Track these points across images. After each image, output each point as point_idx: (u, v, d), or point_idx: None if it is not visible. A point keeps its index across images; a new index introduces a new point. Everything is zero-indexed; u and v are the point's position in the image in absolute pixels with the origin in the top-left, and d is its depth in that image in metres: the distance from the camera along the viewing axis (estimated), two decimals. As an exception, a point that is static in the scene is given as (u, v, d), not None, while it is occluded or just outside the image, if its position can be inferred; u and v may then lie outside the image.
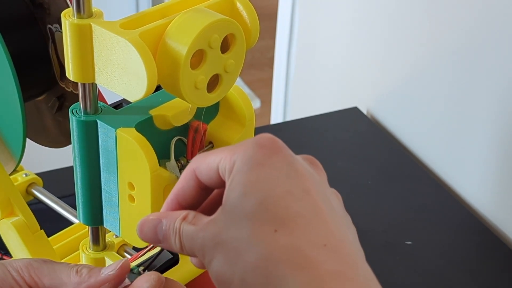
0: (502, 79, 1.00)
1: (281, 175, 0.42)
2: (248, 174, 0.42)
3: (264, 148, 0.43)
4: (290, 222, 0.41)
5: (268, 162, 0.43)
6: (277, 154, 0.43)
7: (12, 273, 0.50)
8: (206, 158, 0.45)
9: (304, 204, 0.42)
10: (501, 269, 0.96)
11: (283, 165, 0.43)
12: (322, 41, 1.44)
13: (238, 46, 0.53)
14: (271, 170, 0.42)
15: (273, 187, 0.42)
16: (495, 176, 1.04)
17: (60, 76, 0.72)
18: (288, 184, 0.42)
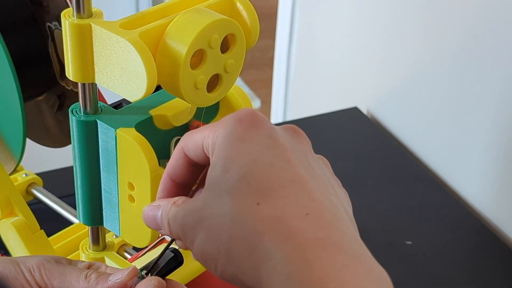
0: (502, 79, 1.00)
1: (261, 147, 0.42)
2: (228, 150, 0.42)
3: (243, 122, 0.43)
4: (272, 194, 0.41)
5: (247, 136, 0.43)
6: (256, 128, 0.43)
7: (24, 273, 0.51)
8: (193, 136, 0.45)
9: (285, 174, 0.42)
10: (501, 269, 0.96)
11: (263, 138, 0.43)
12: (322, 41, 1.44)
13: (238, 46, 0.53)
14: (251, 143, 0.42)
15: (253, 160, 0.42)
16: (495, 176, 1.04)
17: (60, 75, 0.71)
18: (269, 155, 0.42)
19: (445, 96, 1.12)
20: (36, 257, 0.52)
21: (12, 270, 0.51)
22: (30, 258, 0.52)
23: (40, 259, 0.52)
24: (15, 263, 0.51)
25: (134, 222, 0.57)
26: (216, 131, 0.44)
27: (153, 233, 0.56)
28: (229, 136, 0.43)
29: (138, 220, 0.56)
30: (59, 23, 0.68)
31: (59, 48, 0.70)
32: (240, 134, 0.43)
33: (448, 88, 1.11)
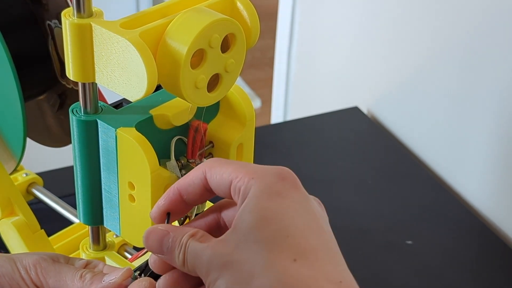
0: (502, 78, 1.00)
1: (301, 209, 0.44)
2: (267, 201, 0.43)
3: (286, 180, 0.44)
4: (310, 254, 0.41)
5: (288, 194, 0.44)
6: (297, 189, 0.45)
7: (20, 271, 0.51)
8: (222, 166, 0.45)
9: (321, 239, 0.43)
10: (501, 269, 0.96)
11: (302, 200, 0.44)
12: (323, 41, 1.44)
13: (239, 45, 0.53)
14: (292, 202, 0.44)
15: (293, 218, 0.43)
16: (495, 176, 1.04)
17: (61, 73, 0.71)
18: (307, 218, 0.43)
19: (445, 96, 1.12)
20: (34, 255, 0.52)
21: (8, 268, 0.51)
22: (27, 256, 0.52)
23: (37, 257, 0.52)
24: (12, 260, 0.51)
25: (135, 221, 0.57)
26: (253, 178, 0.44)
27: (153, 232, 0.56)
28: (269, 188, 0.44)
29: (139, 219, 0.56)
30: (59, 21, 0.68)
31: (59, 46, 0.70)
32: (281, 190, 0.44)
33: (449, 88, 1.11)
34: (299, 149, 1.18)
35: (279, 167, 0.45)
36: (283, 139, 1.21)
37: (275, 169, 0.45)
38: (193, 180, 0.46)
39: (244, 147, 0.60)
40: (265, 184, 0.44)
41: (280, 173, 0.45)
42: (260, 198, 0.43)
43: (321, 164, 1.14)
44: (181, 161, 0.57)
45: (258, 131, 0.48)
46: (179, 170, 0.56)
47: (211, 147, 0.59)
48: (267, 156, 1.15)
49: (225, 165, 0.45)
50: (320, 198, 0.48)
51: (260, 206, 0.43)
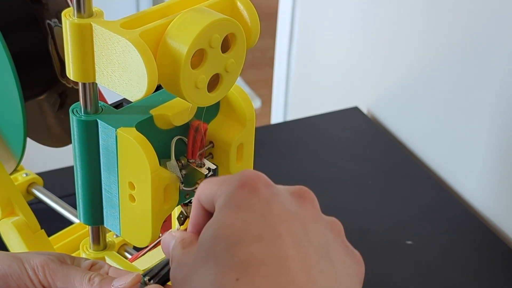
0: (502, 78, 1.00)
1: (255, 217, 0.41)
2: (223, 215, 0.42)
3: (245, 187, 0.42)
4: (253, 271, 0.40)
5: (245, 203, 0.42)
6: (256, 194, 0.42)
7: (28, 271, 0.51)
8: (207, 187, 0.45)
9: (271, 250, 0.40)
10: (501, 269, 0.96)
11: (259, 206, 0.42)
12: (323, 41, 1.44)
13: (239, 45, 0.53)
14: (246, 212, 0.42)
15: (243, 231, 0.41)
16: (495, 176, 1.04)
17: (61, 73, 0.71)
18: (259, 227, 0.41)
19: (445, 95, 1.12)
20: (41, 256, 0.52)
21: (16, 268, 0.51)
22: (34, 256, 0.52)
23: (45, 258, 0.52)
24: (19, 261, 0.51)
25: (135, 221, 0.57)
26: (221, 188, 0.43)
27: (153, 232, 0.56)
28: (228, 200, 0.42)
29: (139, 219, 0.56)
30: (59, 20, 0.68)
31: (59, 45, 0.70)
32: (239, 200, 0.42)
33: (449, 88, 1.11)
34: (299, 149, 1.18)
35: (243, 173, 0.43)
36: (283, 139, 1.21)
37: (238, 176, 0.43)
38: (196, 210, 0.46)
39: (244, 147, 0.60)
40: (227, 194, 0.43)
41: (241, 180, 0.43)
42: (220, 212, 0.42)
43: (321, 164, 1.14)
44: (181, 161, 0.57)
45: (258, 131, 0.48)
46: (179, 170, 0.56)
47: (211, 147, 0.59)
48: (267, 156, 1.15)
49: (208, 183, 0.45)
50: (320, 198, 0.46)
51: (217, 221, 0.42)
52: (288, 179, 1.10)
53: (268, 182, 0.43)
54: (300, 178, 1.10)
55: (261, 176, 0.43)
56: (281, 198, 0.43)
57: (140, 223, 0.56)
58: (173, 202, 0.57)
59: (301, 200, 0.44)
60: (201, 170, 0.57)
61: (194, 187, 0.57)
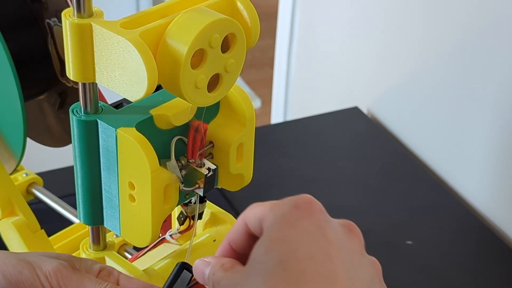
0: (502, 78, 1.00)
1: (308, 238, 0.43)
2: (276, 232, 0.44)
3: (299, 209, 0.44)
4: (302, 287, 0.41)
5: (298, 223, 0.44)
6: (309, 217, 0.44)
7: (40, 278, 0.51)
8: (254, 208, 0.47)
9: (322, 270, 0.42)
10: (501, 269, 0.96)
11: (312, 229, 0.44)
12: (323, 41, 1.44)
13: (239, 45, 0.53)
14: (299, 232, 0.43)
15: (295, 249, 0.43)
16: (495, 175, 1.04)
17: (61, 72, 0.71)
18: (312, 248, 0.43)
19: (445, 95, 1.12)
20: (53, 262, 0.52)
21: (28, 275, 0.51)
22: (46, 262, 0.52)
23: (57, 265, 0.51)
24: (31, 267, 0.51)
25: (135, 221, 0.57)
26: (273, 210, 0.45)
27: (153, 232, 0.56)
28: (281, 218, 0.44)
29: (139, 219, 0.56)
30: (58, 19, 0.68)
31: (58, 45, 0.70)
32: (292, 220, 0.44)
33: (448, 88, 1.11)
34: (299, 149, 1.18)
35: (299, 196, 0.45)
36: (283, 139, 1.21)
37: (293, 198, 0.45)
38: (238, 229, 0.48)
39: (244, 147, 0.60)
40: (280, 214, 0.44)
41: (296, 201, 0.45)
42: (272, 229, 0.44)
43: (321, 164, 1.14)
44: (181, 161, 0.57)
45: (258, 131, 0.49)
46: (179, 170, 0.56)
47: (211, 147, 0.59)
48: (267, 156, 1.15)
49: (257, 206, 0.47)
50: (320, 198, 0.47)
51: (269, 237, 0.44)
52: (288, 179, 1.10)
53: (322, 209, 0.45)
54: (300, 178, 1.10)
55: (317, 202, 0.45)
56: (333, 226, 0.45)
57: (140, 223, 0.56)
58: (173, 202, 0.57)
59: (349, 233, 0.46)
60: (201, 170, 0.57)
61: (194, 187, 0.57)
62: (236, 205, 1.02)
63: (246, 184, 0.61)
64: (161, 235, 0.66)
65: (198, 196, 0.60)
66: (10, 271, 0.51)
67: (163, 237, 0.66)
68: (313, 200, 0.45)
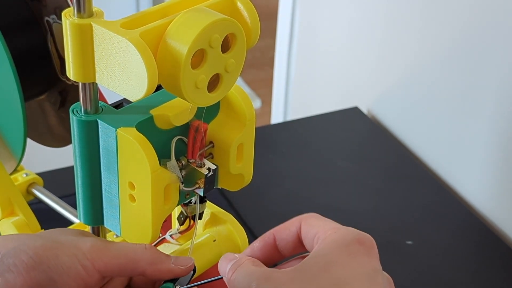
0: (502, 78, 1.00)
1: (364, 275, 0.46)
2: (336, 256, 0.46)
3: (363, 245, 0.47)
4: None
5: (358, 257, 0.46)
6: (369, 257, 0.47)
7: (79, 257, 0.48)
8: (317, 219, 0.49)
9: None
10: (501, 269, 0.96)
11: (369, 268, 0.46)
12: (323, 41, 1.44)
13: (239, 45, 0.53)
14: (357, 265, 0.46)
15: (353, 278, 0.45)
16: (495, 176, 1.04)
17: (61, 70, 0.71)
18: (364, 283, 0.45)
19: (445, 95, 1.12)
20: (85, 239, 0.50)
21: (65, 257, 0.48)
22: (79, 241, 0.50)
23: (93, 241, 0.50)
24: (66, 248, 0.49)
25: (135, 221, 0.57)
26: (335, 232, 0.47)
27: (153, 232, 0.56)
28: (343, 245, 0.46)
29: (139, 219, 0.56)
30: (57, 16, 0.68)
31: (58, 42, 0.70)
32: (353, 251, 0.46)
33: (449, 88, 1.11)
34: (299, 149, 1.18)
35: (364, 233, 0.48)
36: (283, 139, 1.21)
37: (358, 233, 0.48)
38: (289, 227, 0.50)
39: (244, 147, 0.60)
40: (342, 239, 0.47)
41: (361, 237, 0.47)
42: (332, 249, 0.46)
43: (321, 164, 1.14)
44: (181, 161, 0.57)
45: (258, 131, 0.49)
46: (179, 170, 0.56)
47: (211, 147, 0.59)
48: (267, 156, 1.15)
49: (319, 220, 0.49)
50: (320, 198, 0.48)
51: (328, 257, 0.46)
52: (288, 179, 1.10)
53: (377, 254, 0.48)
54: (300, 178, 1.10)
55: (376, 246, 0.48)
56: (383, 275, 0.47)
57: (140, 223, 0.56)
58: (173, 202, 0.57)
59: (388, 281, 0.49)
60: (201, 170, 0.57)
61: (194, 187, 0.57)
62: (236, 205, 1.02)
63: (246, 184, 0.61)
64: (161, 235, 0.66)
65: (198, 196, 0.60)
66: (47, 255, 0.48)
67: (163, 237, 0.66)
68: (374, 243, 0.48)
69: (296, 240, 0.50)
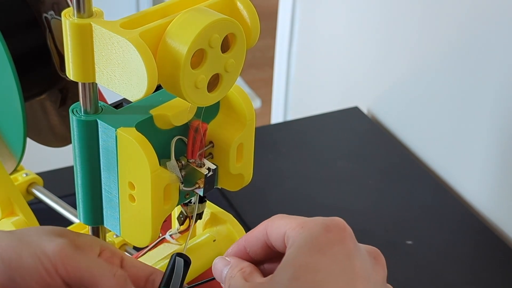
0: (502, 77, 1.00)
1: (337, 268, 0.43)
2: (305, 257, 0.43)
3: (330, 233, 0.44)
4: None
5: (329, 251, 0.43)
6: (340, 243, 0.44)
7: (43, 261, 0.47)
8: (280, 219, 0.46)
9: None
10: (501, 269, 0.96)
11: (342, 258, 0.44)
12: (323, 41, 1.44)
13: (239, 45, 0.53)
14: (329, 260, 0.43)
15: (324, 281, 0.43)
16: (495, 175, 1.04)
17: (60, 66, 0.71)
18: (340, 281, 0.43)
19: (445, 95, 1.12)
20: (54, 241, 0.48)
21: (28, 260, 0.47)
22: (47, 242, 0.48)
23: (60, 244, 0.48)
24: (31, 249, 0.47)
25: (135, 221, 0.57)
26: (302, 227, 0.45)
27: (153, 232, 0.56)
28: (311, 241, 0.44)
29: (139, 219, 0.56)
30: (55, 11, 0.68)
31: (57, 38, 0.70)
32: (322, 245, 0.44)
33: (449, 88, 1.11)
34: (299, 149, 1.18)
35: (331, 218, 0.45)
36: (283, 139, 1.21)
37: (325, 220, 0.45)
38: (256, 235, 0.48)
39: (244, 147, 0.60)
40: (310, 235, 0.44)
41: (328, 225, 0.44)
42: (301, 252, 0.44)
43: (321, 164, 1.14)
44: (181, 161, 0.57)
45: (258, 131, 0.49)
46: (179, 170, 0.56)
47: (211, 147, 0.59)
48: (267, 156, 1.15)
49: (283, 218, 0.46)
50: (320, 198, 0.47)
51: (298, 262, 0.43)
52: (288, 179, 1.10)
53: (353, 235, 0.45)
54: (300, 178, 1.10)
55: (348, 227, 0.45)
56: (362, 255, 0.45)
57: (140, 223, 0.56)
58: (173, 202, 0.57)
59: (375, 261, 0.46)
60: (201, 170, 0.57)
61: (194, 187, 0.57)
62: (236, 205, 1.02)
63: (246, 184, 0.61)
64: (161, 235, 0.66)
65: (198, 196, 0.60)
66: (9, 255, 0.47)
67: (163, 237, 0.66)
68: (345, 225, 0.45)
69: (265, 247, 0.48)
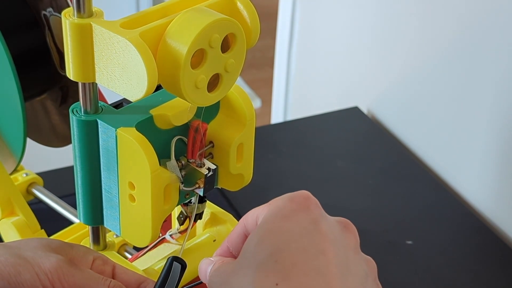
0: (502, 78, 1.00)
1: (302, 231, 0.43)
2: (270, 224, 0.44)
3: (294, 203, 0.44)
4: (293, 279, 0.41)
5: (293, 216, 0.44)
6: (304, 211, 0.44)
7: (41, 278, 0.49)
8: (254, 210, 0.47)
9: (314, 264, 0.42)
10: (501, 269, 0.96)
11: (307, 222, 0.44)
12: (323, 41, 1.44)
13: (239, 45, 0.53)
14: (293, 224, 0.43)
15: (288, 241, 0.42)
16: (495, 175, 1.04)
17: (60, 64, 0.71)
18: (305, 241, 0.43)
19: (445, 95, 1.12)
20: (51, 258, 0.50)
21: (27, 276, 0.48)
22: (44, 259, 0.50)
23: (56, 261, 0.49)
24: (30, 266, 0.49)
25: (135, 221, 0.57)
26: (270, 204, 0.45)
27: (153, 232, 0.56)
28: (276, 211, 0.44)
29: (139, 219, 0.56)
30: (53, 8, 0.68)
31: (56, 35, 0.70)
32: (287, 212, 0.44)
33: (448, 88, 1.11)
34: (299, 149, 1.18)
35: (296, 192, 0.46)
36: (283, 139, 1.21)
37: (290, 193, 0.45)
38: (237, 231, 0.48)
39: (244, 147, 0.60)
40: (275, 207, 0.44)
41: (292, 196, 0.45)
42: (265, 222, 0.44)
43: (321, 164, 1.14)
44: (181, 161, 0.57)
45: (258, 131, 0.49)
46: (179, 170, 0.56)
47: (211, 147, 0.59)
48: (267, 156, 1.15)
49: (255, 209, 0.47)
50: (320, 198, 0.47)
51: (263, 228, 0.44)
52: (288, 179, 1.10)
53: (318, 204, 0.45)
54: (300, 178, 1.10)
55: (313, 197, 0.45)
56: (329, 222, 0.45)
57: (140, 223, 0.56)
58: (173, 202, 0.57)
59: (345, 229, 0.46)
60: (201, 170, 0.57)
61: (194, 187, 0.57)
62: (236, 205, 1.02)
63: (246, 184, 0.61)
64: (161, 235, 0.66)
65: (198, 196, 0.60)
66: (8, 271, 0.48)
67: (163, 237, 0.66)
68: (309, 195, 0.45)
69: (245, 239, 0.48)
